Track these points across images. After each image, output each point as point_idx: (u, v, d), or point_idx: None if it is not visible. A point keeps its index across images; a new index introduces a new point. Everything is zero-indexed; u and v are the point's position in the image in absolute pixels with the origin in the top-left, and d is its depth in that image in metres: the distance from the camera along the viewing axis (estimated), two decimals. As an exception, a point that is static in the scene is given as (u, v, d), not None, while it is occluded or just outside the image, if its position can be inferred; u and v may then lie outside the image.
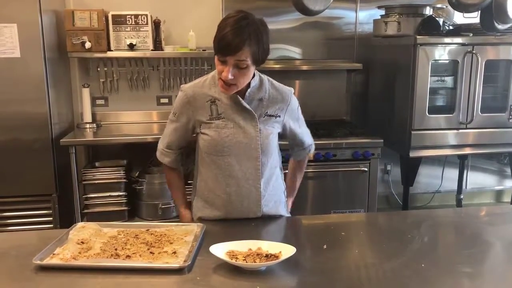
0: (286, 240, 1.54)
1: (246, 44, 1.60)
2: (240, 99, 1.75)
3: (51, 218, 3.05)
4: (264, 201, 1.83)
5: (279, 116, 1.83)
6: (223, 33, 1.60)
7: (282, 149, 1.94)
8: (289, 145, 2.05)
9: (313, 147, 2.09)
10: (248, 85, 1.76)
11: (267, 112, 1.80)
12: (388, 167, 4.01)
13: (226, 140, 1.76)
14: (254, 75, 1.77)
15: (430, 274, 1.38)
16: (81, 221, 3.03)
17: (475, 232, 1.76)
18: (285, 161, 2.04)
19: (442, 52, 3.18)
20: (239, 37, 1.59)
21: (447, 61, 3.27)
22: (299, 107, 1.95)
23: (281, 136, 1.92)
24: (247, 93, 1.77)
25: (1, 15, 2.81)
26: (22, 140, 2.96)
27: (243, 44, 1.59)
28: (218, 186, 1.81)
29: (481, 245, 1.63)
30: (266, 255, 1.40)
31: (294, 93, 1.90)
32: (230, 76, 1.63)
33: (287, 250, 1.41)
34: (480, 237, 1.72)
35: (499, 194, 4.43)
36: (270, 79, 1.87)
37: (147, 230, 1.64)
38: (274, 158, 1.85)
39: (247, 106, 1.76)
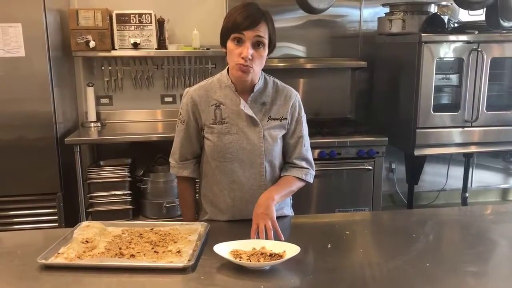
0: (290, 239, 1.53)
1: (263, 20, 1.63)
2: (243, 105, 1.73)
3: (56, 217, 3.06)
4: None
5: (285, 119, 1.79)
6: (237, 13, 1.62)
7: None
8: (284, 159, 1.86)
9: (311, 175, 1.85)
10: (253, 88, 1.75)
11: (270, 116, 1.77)
12: (393, 165, 4.00)
13: (229, 146, 1.74)
14: (259, 78, 1.76)
15: (435, 273, 1.37)
16: (86, 220, 3.06)
17: (480, 231, 1.75)
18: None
19: (447, 49, 3.16)
20: (255, 14, 1.63)
21: (452, 59, 3.25)
22: (305, 120, 1.85)
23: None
24: (250, 97, 1.76)
25: (6, 15, 2.82)
26: (27, 139, 2.97)
27: (260, 19, 1.63)
28: (222, 190, 1.80)
29: (487, 244, 1.62)
30: (270, 255, 1.40)
31: (298, 96, 1.85)
32: (250, 55, 1.61)
33: (291, 250, 1.41)
34: (485, 235, 1.71)
35: (505, 192, 4.41)
36: (276, 80, 1.85)
37: (151, 229, 1.64)
38: (279, 162, 1.83)
39: (251, 114, 1.74)
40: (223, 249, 1.42)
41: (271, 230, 1.56)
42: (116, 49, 3.29)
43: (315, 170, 1.91)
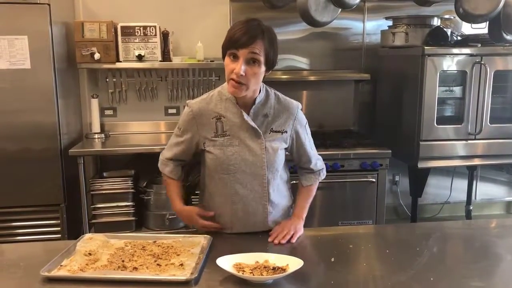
0: (293, 252, 1.53)
1: (260, 37, 1.63)
2: (246, 116, 1.74)
3: (59, 228, 3.06)
4: (271, 218, 1.82)
5: (286, 132, 1.81)
6: (235, 29, 1.63)
7: (289, 159, 1.93)
8: (296, 165, 1.95)
9: (324, 172, 1.97)
10: (254, 101, 1.76)
11: (272, 128, 1.79)
12: (397, 178, 3.99)
13: (231, 158, 1.74)
14: (260, 90, 1.77)
15: (439, 287, 1.37)
16: (89, 231, 3.06)
17: (485, 245, 1.74)
18: (293, 171, 2.01)
19: (450, 62, 3.17)
20: (253, 30, 1.63)
21: (456, 72, 3.25)
22: (308, 126, 1.90)
23: (289, 154, 1.89)
24: (252, 109, 1.76)
25: (13, 27, 2.85)
26: (31, 150, 2.98)
27: (257, 36, 1.62)
28: (224, 203, 1.80)
29: (491, 258, 1.62)
30: (273, 268, 1.40)
31: (301, 107, 1.87)
32: (242, 72, 1.62)
33: (294, 263, 1.40)
34: (490, 250, 1.70)
35: (509, 205, 4.38)
36: (277, 93, 1.86)
37: (154, 242, 1.64)
38: (281, 174, 1.84)
39: (253, 125, 1.75)
40: (226, 262, 1.41)
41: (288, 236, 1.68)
42: (120, 61, 3.32)
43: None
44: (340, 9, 3.13)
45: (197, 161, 1.91)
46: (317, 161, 1.94)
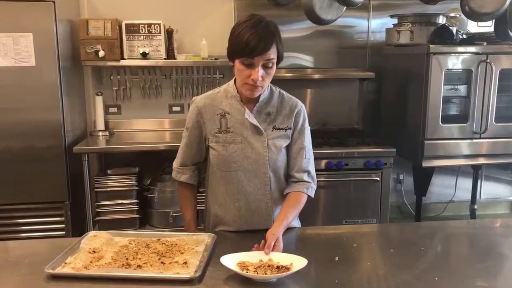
0: (297, 251, 1.52)
1: (274, 42, 1.63)
2: (248, 113, 1.75)
3: (63, 225, 3.07)
4: (275, 215, 1.81)
5: (290, 128, 1.80)
6: (247, 36, 1.59)
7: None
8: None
9: (313, 189, 1.82)
10: (258, 98, 1.76)
11: (275, 126, 1.78)
12: (401, 177, 3.98)
13: (234, 156, 1.75)
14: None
15: (443, 287, 1.36)
16: (93, 229, 3.07)
17: (489, 245, 1.73)
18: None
19: (456, 61, 3.15)
20: (266, 36, 1.61)
21: (461, 70, 3.23)
22: (308, 132, 1.84)
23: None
24: (255, 107, 1.77)
25: (18, 25, 2.85)
26: (36, 148, 2.99)
27: (272, 42, 1.62)
28: (228, 201, 1.80)
29: (496, 257, 1.61)
30: (277, 267, 1.40)
31: (305, 107, 1.85)
32: (260, 78, 1.63)
33: (298, 262, 1.40)
34: (494, 249, 1.69)
35: (513, 205, 4.37)
36: (282, 91, 1.85)
37: (158, 240, 1.64)
38: (284, 172, 1.83)
39: (255, 122, 1.75)
40: (230, 260, 1.41)
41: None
42: (125, 59, 3.32)
43: (323, 180, 1.91)
44: (345, 7, 3.12)
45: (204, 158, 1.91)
46: (305, 173, 1.81)
